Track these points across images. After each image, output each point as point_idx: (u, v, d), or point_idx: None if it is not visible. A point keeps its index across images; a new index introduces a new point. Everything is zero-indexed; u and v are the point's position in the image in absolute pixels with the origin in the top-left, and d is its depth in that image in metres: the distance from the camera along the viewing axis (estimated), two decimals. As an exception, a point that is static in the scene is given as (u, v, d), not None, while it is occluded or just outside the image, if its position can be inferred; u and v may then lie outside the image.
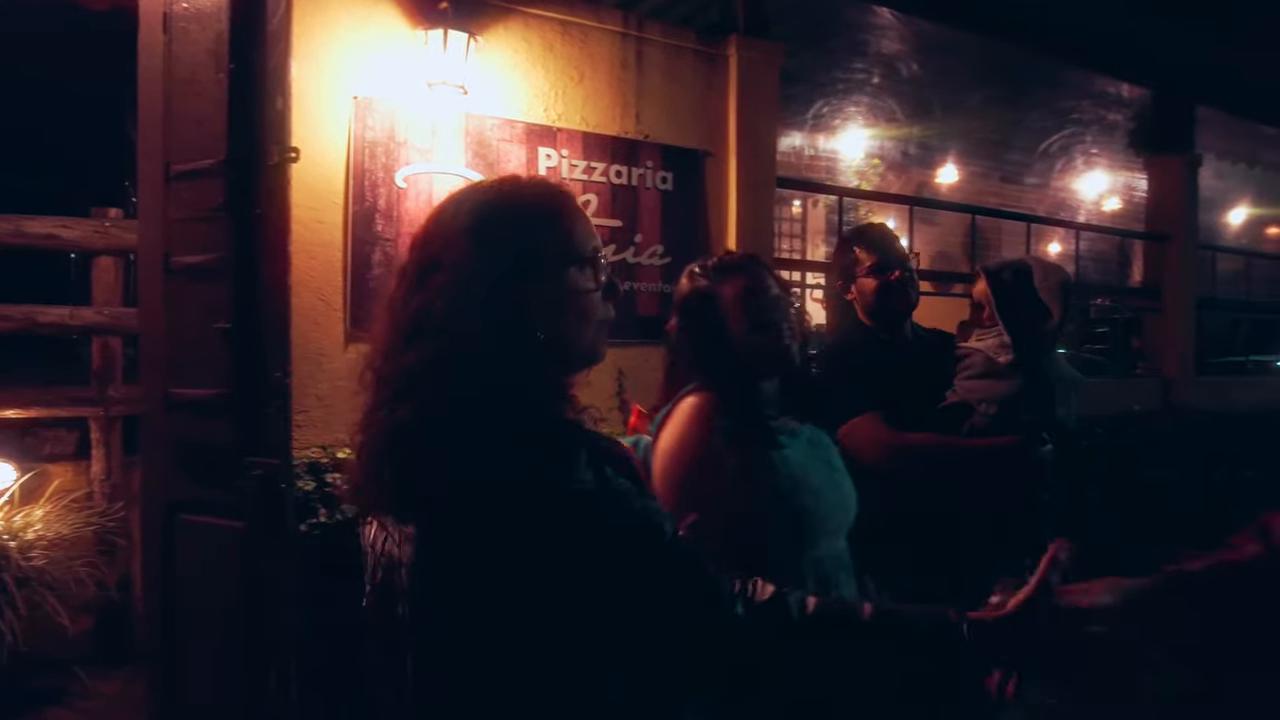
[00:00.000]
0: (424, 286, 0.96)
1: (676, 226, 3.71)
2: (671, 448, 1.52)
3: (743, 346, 1.60)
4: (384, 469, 0.92)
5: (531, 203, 1.03)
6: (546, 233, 1.00)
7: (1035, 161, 8.18)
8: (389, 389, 0.95)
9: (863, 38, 5.34)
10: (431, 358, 0.92)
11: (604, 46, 3.52)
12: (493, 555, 0.89)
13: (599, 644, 0.91)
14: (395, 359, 0.96)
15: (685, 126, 3.74)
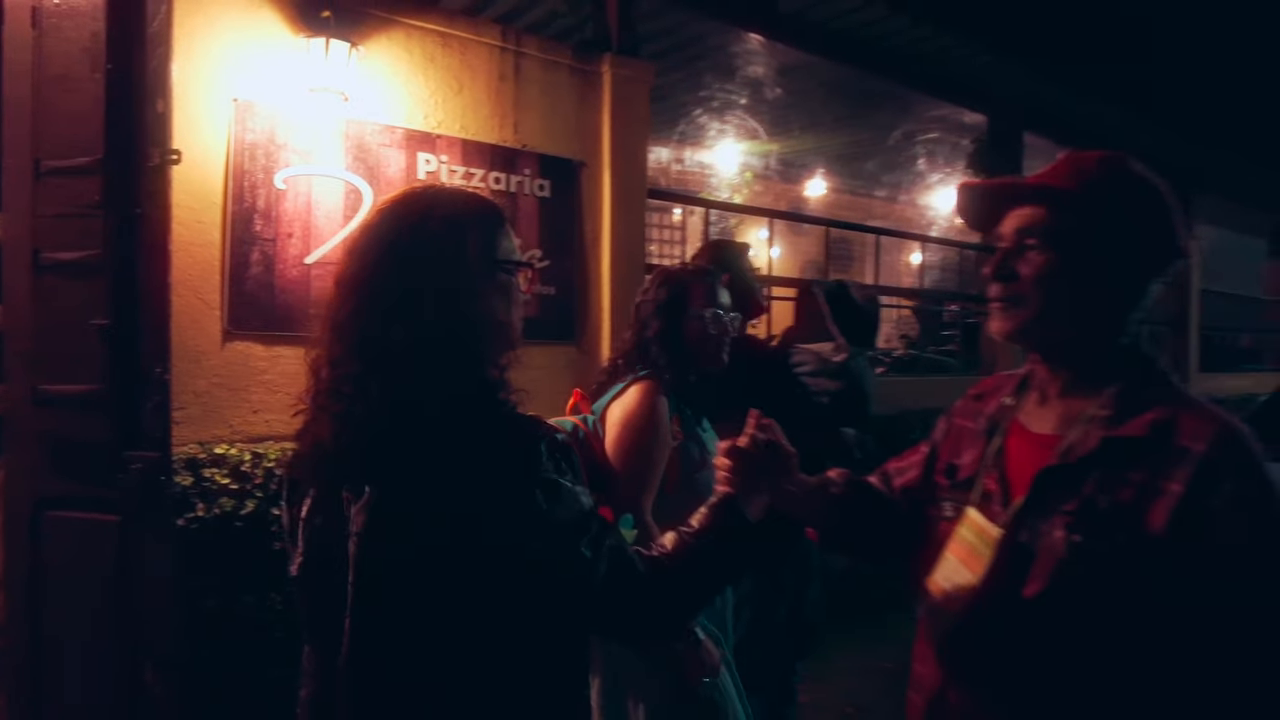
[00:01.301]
0: (390, 282, 1.06)
1: (554, 232, 3.92)
2: (626, 418, 1.90)
3: (696, 338, 2.03)
4: (355, 444, 1.03)
5: (475, 213, 1.14)
6: (491, 237, 1.13)
7: (890, 178, 8.90)
8: (355, 374, 1.04)
9: (730, 60, 5.72)
10: (405, 345, 1.03)
11: (483, 59, 3.68)
12: (454, 523, 1.01)
13: (532, 603, 1.03)
14: (360, 350, 1.05)
15: (562, 138, 3.95)
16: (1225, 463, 0.95)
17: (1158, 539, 0.94)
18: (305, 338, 3.20)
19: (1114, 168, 1.10)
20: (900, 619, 4.82)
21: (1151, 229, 1.07)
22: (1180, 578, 0.94)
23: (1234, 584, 0.94)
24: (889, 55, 5.64)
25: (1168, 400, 1.03)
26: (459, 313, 1.06)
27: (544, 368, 3.89)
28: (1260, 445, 0.98)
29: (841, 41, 5.35)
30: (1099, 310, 1.07)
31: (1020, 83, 6.19)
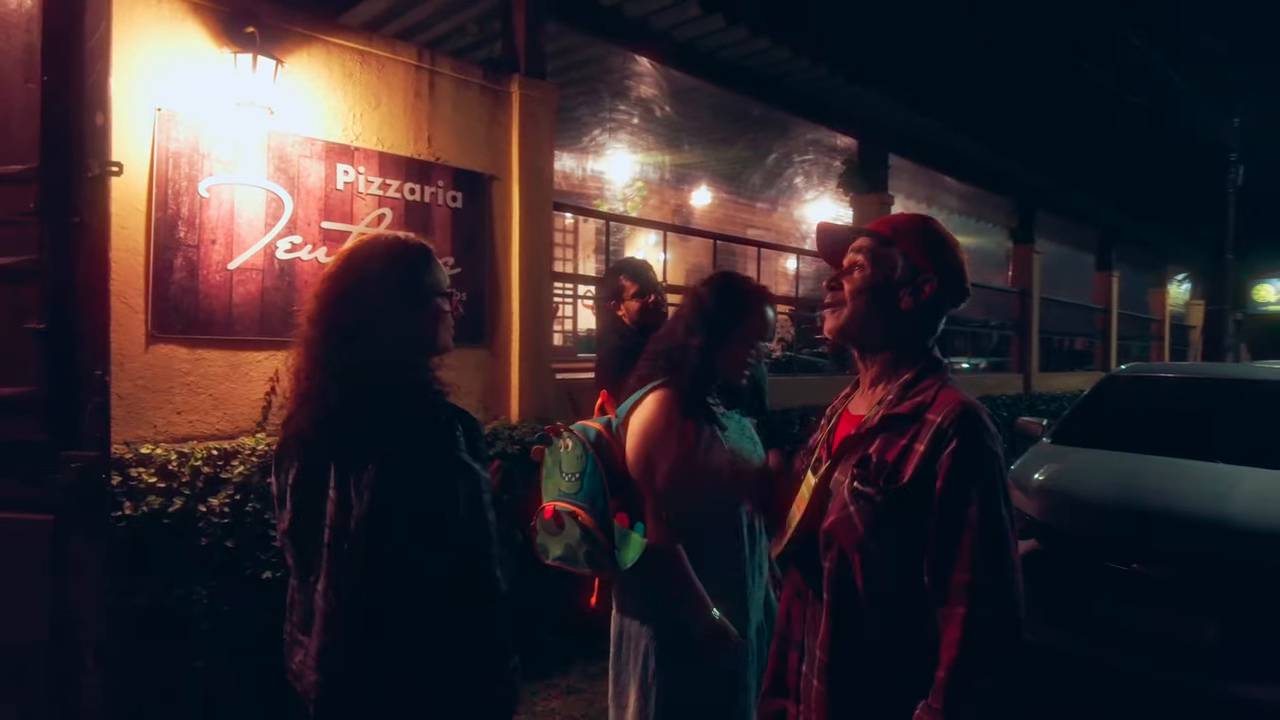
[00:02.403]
0: (350, 306, 1.45)
1: (465, 241, 4.14)
2: (644, 427, 2.00)
3: (735, 363, 2.07)
4: (323, 433, 1.42)
5: (417, 253, 1.54)
6: (427, 273, 1.53)
7: (771, 193, 9.51)
8: (321, 382, 1.43)
9: (626, 81, 6.07)
10: (363, 352, 1.42)
11: (399, 76, 3.87)
12: (396, 489, 1.37)
13: (446, 552, 1.40)
14: (324, 364, 1.43)
15: (473, 152, 4.18)
16: (952, 430, 1.30)
17: (909, 483, 1.30)
18: (229, 340, 3.31)
19: (918, 225, 1.47)
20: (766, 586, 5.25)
21: (940, 269, 1.42)
22: (921, 509, 1.29)
23: (951, 508, 1.27)
24: (771, 83, 6.14)
25: (935, 388, 1.37)
26: (395, 335, 1.46)
27: (455, 369, 4.04)
28: (991, 420, 1.33)
29: (729, 69, 5.80)
30: (894, 322, 1.42)
31: (886, 110, 6.85)
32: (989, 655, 1.23)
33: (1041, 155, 9.00)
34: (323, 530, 1.40)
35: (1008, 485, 1.31)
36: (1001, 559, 1.26)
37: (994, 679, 1.23)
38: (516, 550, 1.82)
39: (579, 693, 3.65)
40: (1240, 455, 4.02)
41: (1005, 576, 1.25)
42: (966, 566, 1.25)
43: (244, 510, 3.04)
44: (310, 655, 1.44)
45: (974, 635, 1.23)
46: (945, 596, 1.27)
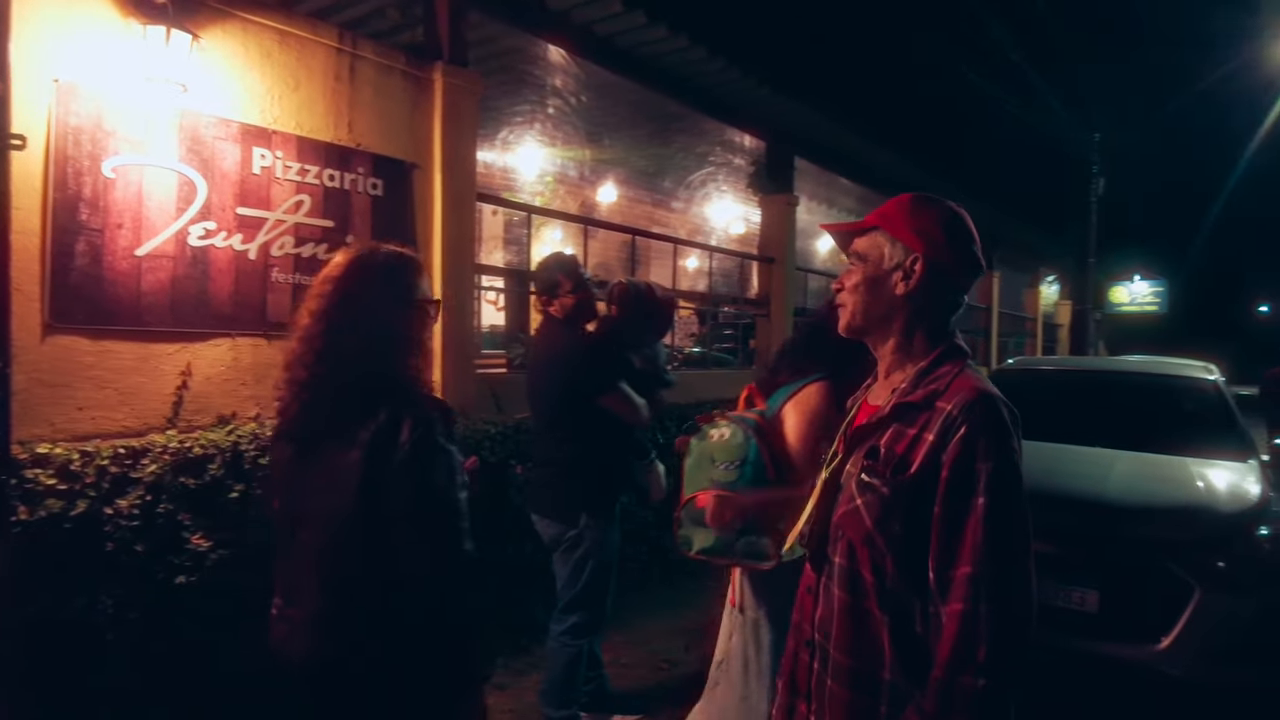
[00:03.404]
0: (352, 305, 1.62)
1: (387, 230, 4.01)
2: (809, 415, 2.10)
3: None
4: (320, 415, 1.60)
5: (412, 264, 1.73)
6: (418, 282, 1.72)
7: (680, 191, 9.66)
8: (319, 371, 1.60)
9: (544, 73, 6.04)
10: (359, 347, 1.61)
11: (320, 58, 3.72)
12: (385, 464, 1.53)
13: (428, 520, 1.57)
14: (323, 356, 1.60)
15: (395, 139, 4.07)
16: (961, 417, 1.24)
17: (916, 474, 1.25)
18: (137, 331, 3.12)
19: (904, 205, 1.40)
20: (693, 585, 5.43)
21: (930, 246, 1.35)
22: (930, 501, 1.24)
23: (956, 498, 1.22)
24: (686, 81, 6.25)
25: (951, 375, 1.31)
26: (387, 333, 1.64)
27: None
28: (1007, 408, 1.27)
29: (647, 66, 5.86)
30: (894, 310, 1.37)
31: (794, 114, 7.08)
32: (987, 653, 1.15)
33: (933, 162, 9.52)
34: (314, 507, 1.58)
35: (1020, 475, 1.24)
36: (1007, 551, 1.19)
37: (992, 680, 1.15)
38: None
39: (505, 689, 3.64)
40: (1113, 440, 4.42)
41: (1010, 570, 1.19)
42: (969, 559, 1.19)
43: (155, 512, 2.88)
44: (299, 624, 1.61)
45: (970, 631, 1.16)
46: (947, 591, 1.20)
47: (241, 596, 3.03)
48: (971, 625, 1.17)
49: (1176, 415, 4.92)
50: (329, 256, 3.64)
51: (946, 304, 1.39)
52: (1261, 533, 3.62)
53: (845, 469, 1.38)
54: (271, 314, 3.53)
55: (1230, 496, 3.83)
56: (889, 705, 1.26)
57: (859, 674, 1.29)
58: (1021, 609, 1.19)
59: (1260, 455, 4.38)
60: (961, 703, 1.16)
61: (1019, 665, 1.18)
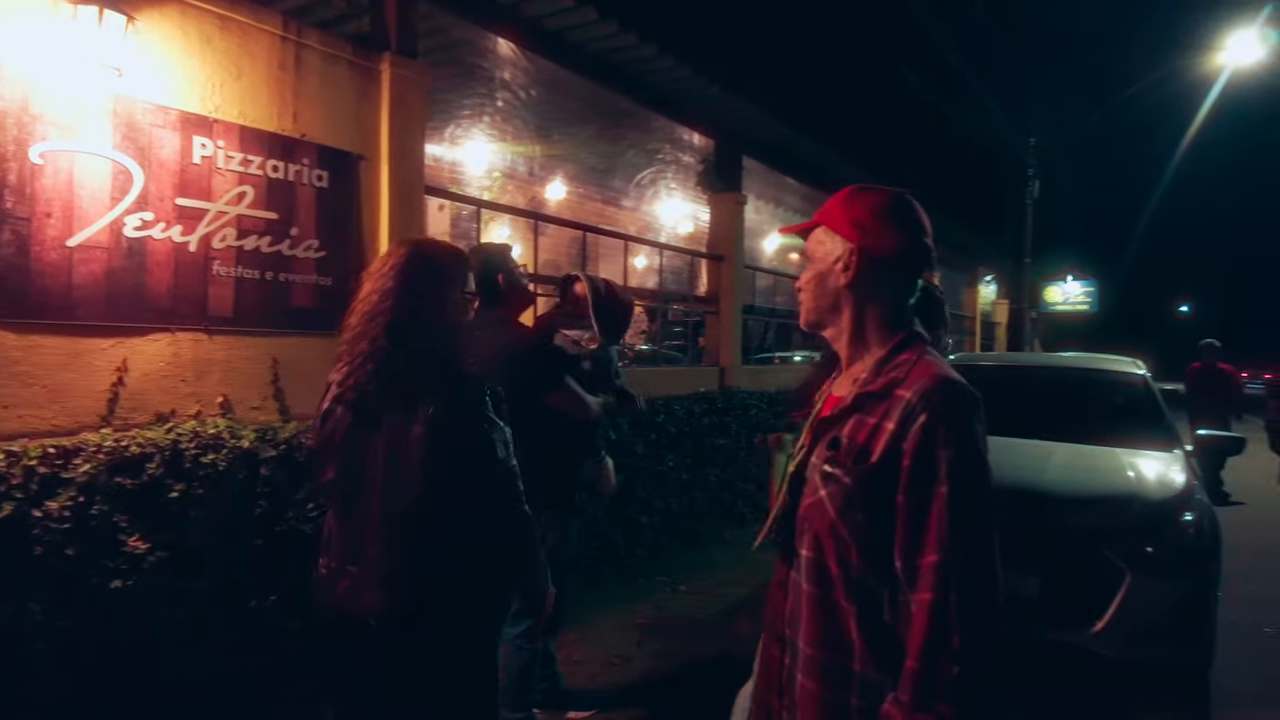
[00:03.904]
0: (418, 291, 1.85)
1: (332, 223, 3.94)
2: None
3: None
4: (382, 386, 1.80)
5: (465, 260, 2.01)
6: (467, 275, 1.99)
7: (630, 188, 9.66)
8: (385, 346, 1.81)
9: (494, 67, 5.98)
10: (420, 328, 1.83)
11: (263, 46, 3.62)
12: (447, 429, 1.78)
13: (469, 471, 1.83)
14: (389, 333, 1.81)
15: (341, 130, 3.98)
16: (921, 404, 1.23)
17: (878, 463, 1.25)
18: (69, 325, 2.99)
19: (843, 197, 1.41)
20: (647, 582, 5.48)
21: (866, 235, 1.35)
22: (892, 490, 1.23)
23: (919, 486, 1.22)
24: (637, 79, 6.25)
25: (910, 363, 1.31)
26: (443, 317, 1.89)
27: (319, 359, 3.89)
28: (969, 394, 1.26)
29: (597, 62, 5.85)
30: (841, 302, 1.38)
31: (742, 114, 7.15)
32: (960, 641, 1.16)
33: (876, 163, 9.71)
34: (369, 473, 1.79)
35: (982, 460, 1.25)
36: (973, 538, 1.20)
37: (967, 667, 1.16)
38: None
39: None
40: (1048, 432, 4.58)
41: (977, 557, 1.19)
42: (935, 547, 1.19)
43: (89, 513, 2.77)
44: (367, 576, 1.79)
45: (942, 620, 1.17)
46: (915, 580, 1.20)
47: (183, 599, 2.95)
48: (942, 614, 1.17)
49: (1108, 408, 5.13)
50: (273, 250, 3.65)
51: (894, 291, 1.39)
52: (1186, 519, 3.79)
53: (810, 461, 1.37)
54: (213, 308, 3.43)
55: (1158, 485, 4.00)
56: (860, 697, 1.25)
57: (829, 667, 1.28)
58: (990, 595, 1.20)
59: (1184, 445, 4.59)
60: (938, 691, 1.16)
61: (992, 650, 1.19)
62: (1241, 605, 4.69)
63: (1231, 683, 3.87)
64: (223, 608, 3.08)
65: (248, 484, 3.19)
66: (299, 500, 3.34)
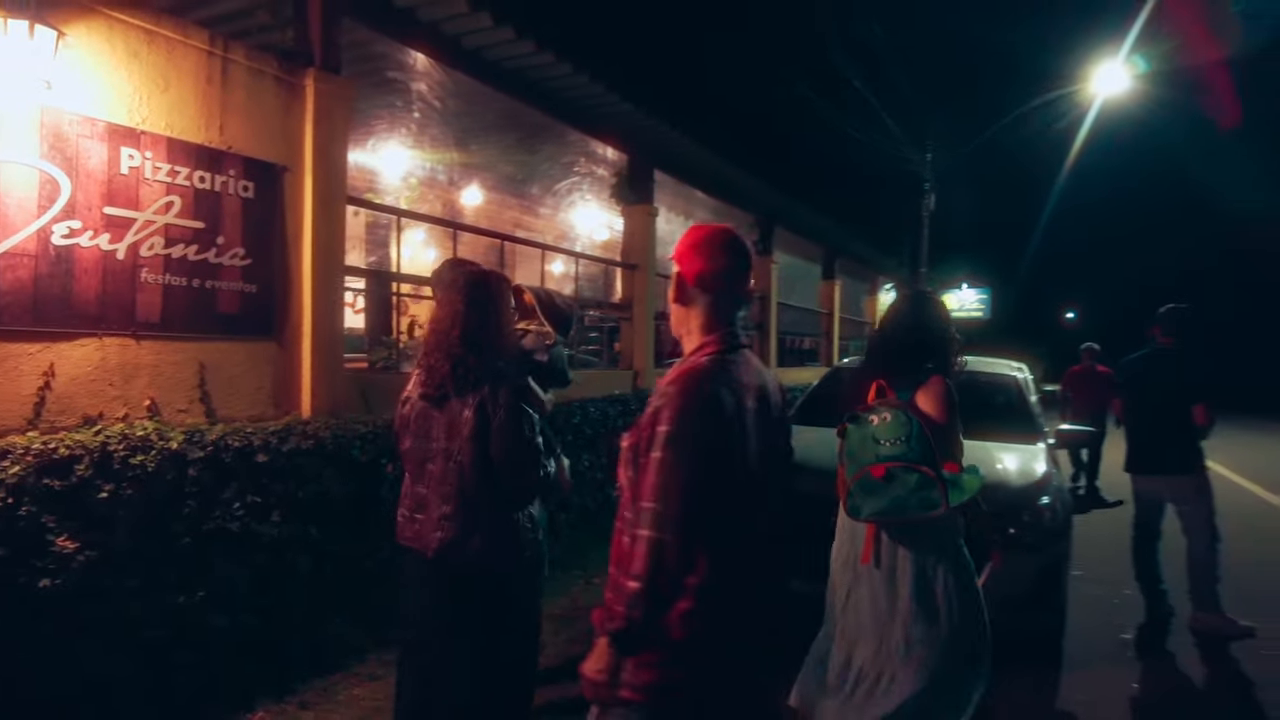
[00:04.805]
0: (482, 308, 2.52)
1: (257, 232, 4.05)
2: (945, 401, 2.68)
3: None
4: (460, 380, 2.45)
5: (501, 282, 2.66)
6: (507, 294, 2.69)
7: (547, 197, 9.88)
8: (462, 352, 2.46)
9: (412, 80, 6.13)
10: (481, 339, 2.48)
11: (190, 60, 3.72)
12: (505, 411, 2.44)
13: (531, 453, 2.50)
14: (464, 339, 2.47)
15: (266, 142, 4.10)
16: (660, 393, 1.65)
17: (639, 435, 1.65)
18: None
19: (682, 236, 1.82)
20: (564, 575, 5.72)
21: (684, 264, 1.76)
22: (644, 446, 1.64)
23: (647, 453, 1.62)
24: (551, 94, 6.52)
25: (680, 364, 1.72)
26: (498, 328, 2.56)
27: (244, 363, 4.03)
28: (704, 384, 1.63)
29: (514, 78, 6.09)
30: (679, 322, 1.81)
31: (653, 130, 7.49)
32: (643, 565, 1.55)
33: (780, 179, 10.23)
34: (440, 446, 2.47)
35: (689, 435, 1.59)
36: (669, 493, 1.56)
37: (643, 584, 1.55)
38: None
39: (380, 679, 3.76)
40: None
41: (670, 507, 1.56)
42: (647, 496, 1.58)
43: (17, 514, 2.84)
44: (428, 524, 2.49)
45: (638, 547, 1.57)
46: (637, 518, 1.60)
47: (111, 597, 3.04)
48: (640, 543, 1.57)
49: (986, 406, 5.66)
50: (200, 258, 3.76)
51: (705, 305, 1.76)
52: (1044, 502, 4.30)
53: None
54: (141, 314, 3.51)
55: (1022, 473, 4.51)
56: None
57: (614, 578, 1.65)
58: (675, 535, 1.56)
59: (1049, 439, 5.15)
60: (620, 596, 1.57)
61: (667, 576, 1.57)
62: (1100, 583, 5.31)
63: (1084, 646, 4.40)
64: (151, 606, 3.17)
65: (176, 484, 3.29)
66: (227, 499, 3.46)
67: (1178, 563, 4.75)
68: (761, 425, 1.72)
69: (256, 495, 3.57)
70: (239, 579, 3.48)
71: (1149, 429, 4.87)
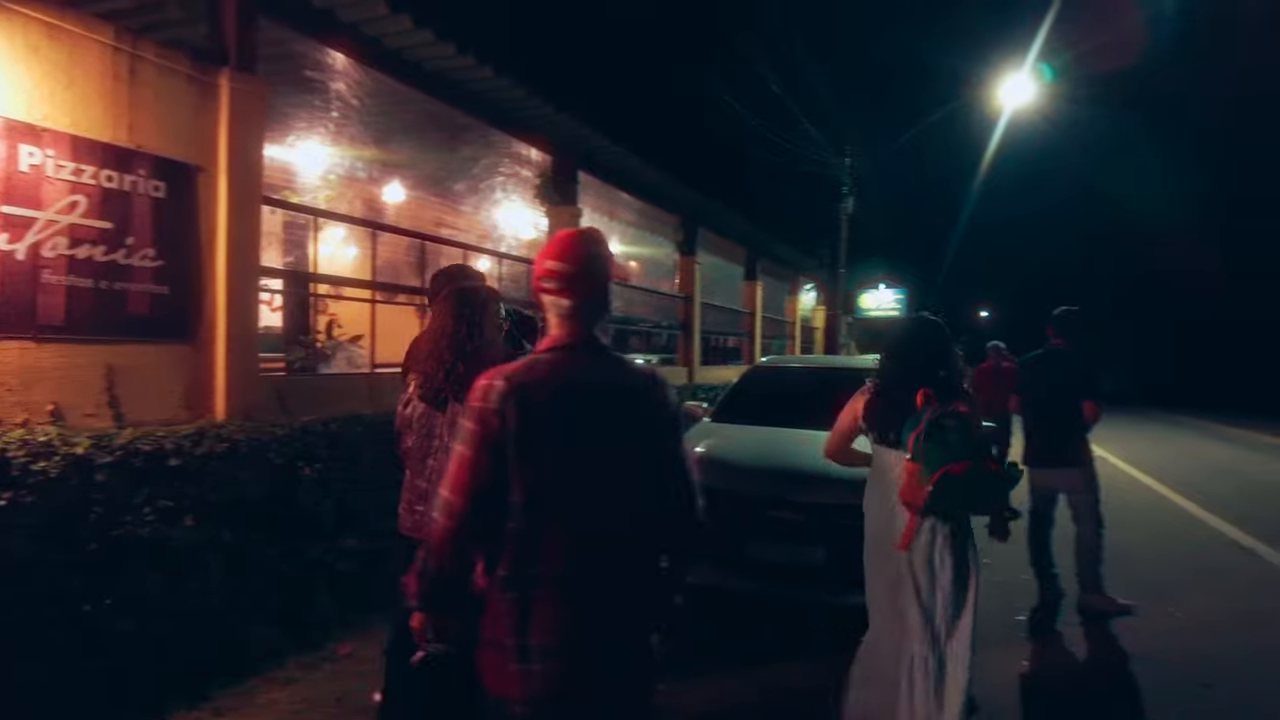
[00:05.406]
0: (471, 319, 2.62)
1: (169, 233, 3.98)
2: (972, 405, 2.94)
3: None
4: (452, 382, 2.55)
5: (495, 294, 2.78)
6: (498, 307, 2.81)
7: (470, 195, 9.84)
8: (451, 361, 2.58)
9: (330, 79, 6.06)
10: (473, 347, 2.59)
11: (95, 56, 3.64)
12: None
13: None
14: (454, 348, 2.59)
15: (179, 142, 4.03)
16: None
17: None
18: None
19: (548, 245, 1.89)
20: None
21: (549, 272, 1.79)
22: None
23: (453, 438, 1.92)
24: (475, 97, 6.53)
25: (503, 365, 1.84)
26: (487, 336, 2.65)
27: (156, 366, 3.96)
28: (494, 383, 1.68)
29: (437, 80, 6.09)
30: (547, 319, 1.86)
31: (577, 132, 7.58)
32: (429, 544, 1.70)
33: (703, 181, 10.45)
34: (436, 441, 2.59)
35: (473, 430, 1.68)
36: (444, 479, 1.70)
37: (425, 558, 1.70)
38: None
39: (297, 682, 3.74)
40: (838, 424, 5.28)
41: (441, 493, 1.69)
42: (441, 483, 1.72)
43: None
44: (429, 512, 2.26)
45: (430, 525, 1.71)
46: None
47: (12, 607, 2.96)
48: (431, 525, 1.72)
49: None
50: (108, 259, 3.67)
51: (550, 307, 1.83)
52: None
53: None
54: (43, 316, 3.43)
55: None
56: None
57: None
58: (440, 514, 1.69)
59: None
60: (415, 569, 1.73)
61: (439, 550, 1.68)
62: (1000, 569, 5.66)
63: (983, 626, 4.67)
64: (58, 614, 3.10)
65: (81, 491, 3.23)
66: (137, 504, 3.40)
67: (1071, 549, 5.09)
68: (602, 423, 1.77)
69: (169, 499, 3.52)
70: (151, 584, 3.43)
71: (1044, 425, 5.19)
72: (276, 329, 8.25)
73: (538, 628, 1.67)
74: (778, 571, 4.30)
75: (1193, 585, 5.55)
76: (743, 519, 4.38)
